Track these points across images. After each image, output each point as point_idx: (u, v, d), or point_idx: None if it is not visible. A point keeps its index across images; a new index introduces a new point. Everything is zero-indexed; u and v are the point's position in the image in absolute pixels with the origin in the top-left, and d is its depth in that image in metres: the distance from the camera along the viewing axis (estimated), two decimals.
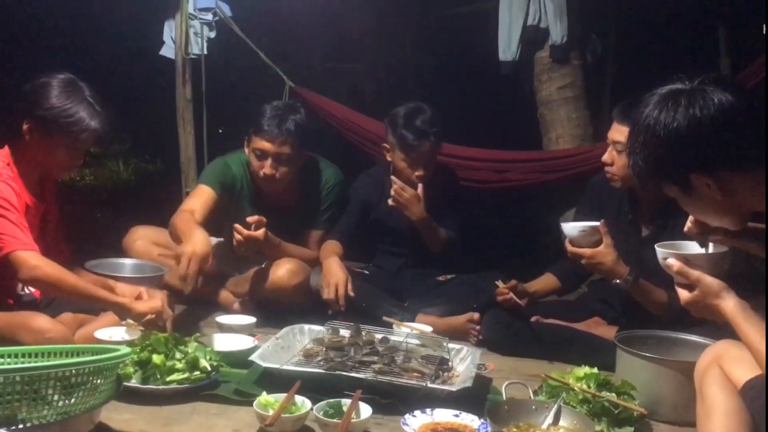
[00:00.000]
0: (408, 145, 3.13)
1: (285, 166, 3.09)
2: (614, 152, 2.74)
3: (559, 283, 3.09)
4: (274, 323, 2.97)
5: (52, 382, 1.65)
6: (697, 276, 1.55)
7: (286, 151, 3.06)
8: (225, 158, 3.29)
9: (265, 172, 3.07)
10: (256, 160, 3.10)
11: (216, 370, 2.32)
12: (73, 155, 2.48)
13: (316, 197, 3.30)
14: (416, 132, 3.12)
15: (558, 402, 2.14)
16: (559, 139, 4.28)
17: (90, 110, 2.43)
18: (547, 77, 4.28)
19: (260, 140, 3.06)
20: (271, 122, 3.05)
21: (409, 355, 2.49)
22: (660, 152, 1.55)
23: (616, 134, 2.71)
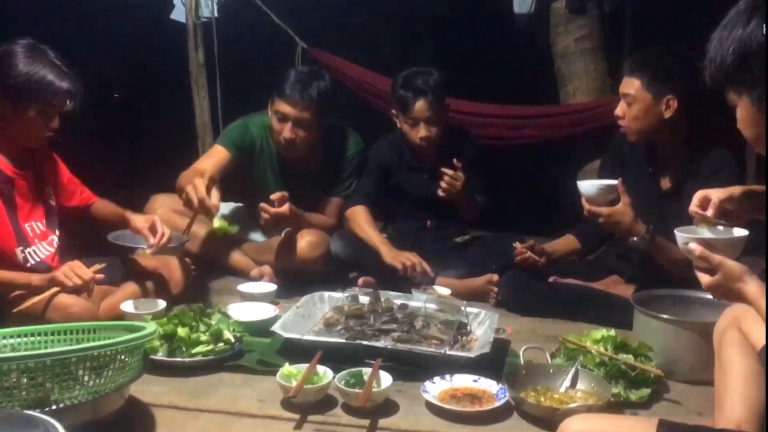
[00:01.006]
0: (404, 104, 3.16)
1: (305, 131, 3.11)
2: (625, 105, 2.73)
3: (579, 244, 3.10)
4: (295, 290, 3.02)
5: (82, 364, 1.70)
6: (720, 260, 1.54)
7: (307, 117, 3.08)
8: (247, 119, 3.32)
9: (285, 136, 3.10)
10: (277, 122, 3.12)
11: (239, 340, 2.38)
12: (45, 120, 2.46)
13: (337, 164, 3.32)
14: (412, 90, 3.14)
15: (575, 365, 2.17)
16: (576, 92, 4.21)
17: (57, 72, 2.42)
18: (564, 29, 4.20)
19: (282, 103, 3.08)
20: (294, 87, 3.07)
21: (427, 321, 2.53)
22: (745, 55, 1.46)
23: (626, 87, 2.72)
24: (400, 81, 3.21)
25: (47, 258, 2.59)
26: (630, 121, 2.73)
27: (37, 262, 2.55)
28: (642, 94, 2.68)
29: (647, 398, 2.13)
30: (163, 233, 2.70)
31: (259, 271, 3.20)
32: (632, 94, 2.69)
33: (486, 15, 5.17)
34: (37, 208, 2.61)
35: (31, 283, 2.40)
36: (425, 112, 3.15)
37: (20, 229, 2.52)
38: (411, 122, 3.19)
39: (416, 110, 3.16)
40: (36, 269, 2.53)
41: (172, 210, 3.36)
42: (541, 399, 2.07)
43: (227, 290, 3.14)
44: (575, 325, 2.79)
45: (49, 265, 2.57)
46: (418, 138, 3.18)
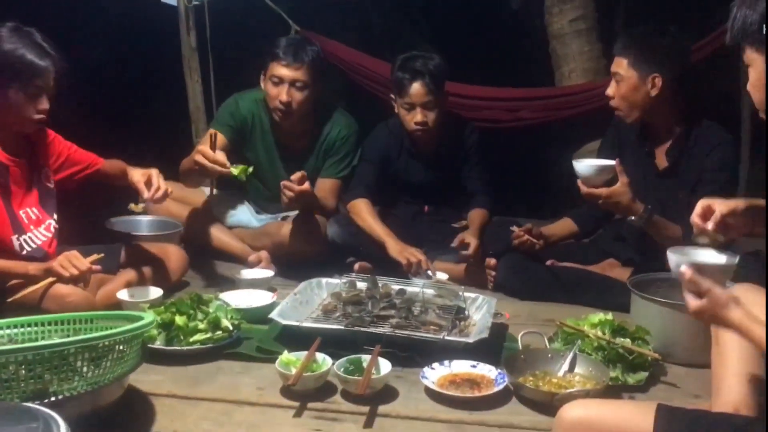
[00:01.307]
0: (401, 86, 3.10)
1: (300, 93, 3.11)
2: (614, 83, 2.77)
3: (576, 227, 3.11)
4: (293, 275, 3.03)
5: (81, 355, 1.69)
6: (708, 286, 1.53)
7: (302, 78, 3.10)
8: (237, 96, 3.34)
9: (282, 99, 3.10)
10: (273, 88, 3.13)
11: (237, 328, 2.37)
12: (31, 101, 2.43)
13: (330, 145, 3.31)
14: (410, 72, 3.08)
15: (573, 350, 2.18)
16: (571, 73, 4.19)
17: (39, 51, 2.40)
18: (559, 10, 4.17)
19: (277, 66, 3.10)
20: (287, 50, 3.10)
21: (425, 306, 2.53)
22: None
23: (615, 66, 2.77)
24: (399, 63, 3.15)
25: (44, 244, 2.57)
26: (618, 100, 2.78)
27: (33, 248, 2.54)
28: (629, 72, 2.72)
29: (644, 382, 2.14)
30: (159, 187, 2.65)
31: (257, 256, 3.20)
32: (620, 72, 2.74)
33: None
34: (32, 193, 2.59)
35: (28, 272, 2.39)
36: (422, 96, 3.09)
37: (15, 216, 2.50)
38: (407, 106, 3.13)
39: (413, 93, 3.10)
40: (32, 256, 2.52)
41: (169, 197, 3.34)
42: (540, 383, 2.08)
43: (224, 277, 3.14)
44: (573, 308, 2.80)
45: (45, 251, 2.55)
46: (413, 122, 3.12)
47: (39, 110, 2.45)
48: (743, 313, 1.51)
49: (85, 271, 2.38)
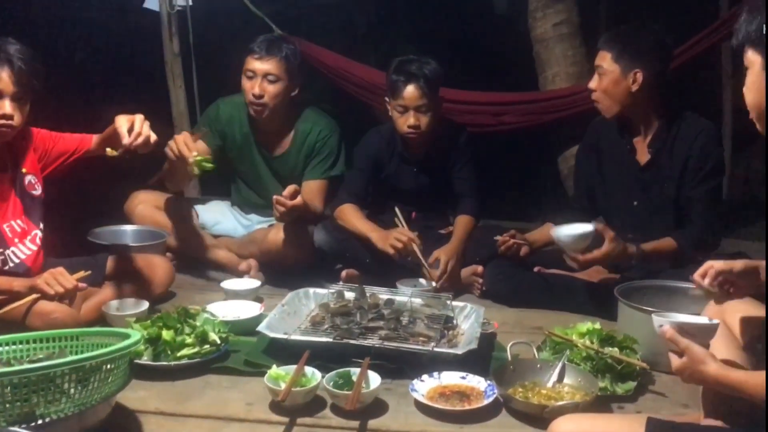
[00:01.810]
0: (395, 89, 3.07)
1: (273, 86, 3.13)
2: (597, 77, 2.82)
3: None
4: (280, 282, 3.03)
5: (68, 376, 1.67)
6: (686, 344, 1.60)
7: (274, 71, 3.12)
8: (220, 101, 3.38)
9: (254, 92, 3.12)
10: (247, 81, 3.16)
11: (225, 341, 2.36)
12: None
13: (311, 145, 3.30)
14: (405, 74, 3.06)
15: (562, 360, 2.19)
16: (555, 77, 4.22)
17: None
18: (542, 14, 4.19)
19: (250, 60, 3.14)
20: (261, 44, 3.16)
21: (414, 316, 2.52)
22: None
23: (598, 59, 2.83)
24: (395, 65, 3.12)
25: (29, 258, 2.53)
26: (600, 93, 2.83)
27: (17, 263, 2.51)
28: (611, 66, 2.77)
29: (633, 391, 2.15)
30: (140, 132, 2.46)
31: (246, 264, 3.19)
32: (603, 66, 2.79)
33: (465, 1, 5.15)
34: (16, 205, 2.55)
35: (13, 288, 2.36)
36: (416, 99, 3.05)
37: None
38: (401, 109, 3.09)
39: (406, 96, 3.06)
40: (14, 271, 2.48)
41: (153, 206, 3.33)
42: (529, 395, 2.08)
43: (210, 287, 3.12)
44: (560, 314, 2.83)
45: (28, 267, 2.52)
46: (406, 126, 3.09)
47: (6, 114, 2.38)
48: (719, 366, 1.57)
49: (71, 289, 2.35)
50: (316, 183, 3.30)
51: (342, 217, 3.17)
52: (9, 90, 2.38)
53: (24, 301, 2.33)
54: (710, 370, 1.57)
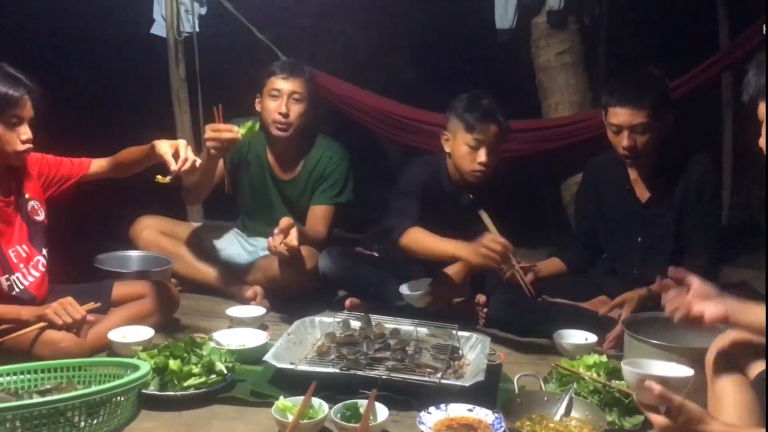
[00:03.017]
0: (472, 125, 2.93)
1: (298, 105, 3.21)
2: (632, 136, 2.79)
3: (565, 267, 3.14)
4: (285, 310, 3.03)
5: (78, 410, 1.68)
6: (680, 402, 1.53)
7: (300, 89, 3.21)
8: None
9: (280, 110, 3.17)
10: (272, 101, 3.21)
11: (231, 370, 2.35)
12: (14, 132, 2.42)
13: (320, 171, 3.33)
14: (482, 111, 2.95)
15: (569, 393, 2.19)
16: (558, 105, 4.25)
17: (11, 82, 2.39)
18: (545, 43, 4.23)
19: (276, 80, 3.21)
20: (284, 65, 3.27)
21: (420, 346, 2.53)
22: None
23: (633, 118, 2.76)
24: (466, 102, 2.99)
25: (33, 284, 2.54)
26: (644, 148, 2.80)
27: (22, 289, 2.51)
28: (653, 119, 2.75)
29: (641, 426, 2.14)
30: (186, 158, 2.53)
31: (252, 291, 3.20)
32: (644, 122, 2.75)
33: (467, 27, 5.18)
34: (21, 231, 2.57)
35: (21, 317, 2.37)
36: (492, 136, 2.95)
37: (4, 255, 2.48)
38: (474, 144, 2.94)
39: (485, 133, 2.94)
40: (20, 297, 2.49)
41: (159, 232, 3.34)
42: (537, 428, 2.08)
43: (215, 313, 3.12)
44: None
45: (33, 294, 2.53)
46: (477, 163, 2.95)
47: (23, 140, 2.44)
48: (721, 426, 1.54)
49: (80, 320, 2.36)
50: (322, 208, 3.32)
51: (414, 241, 2.88)
52: (29, 115, 2.44)
53: (31, 329, 2.34)
54: (715, 428, 1.53)
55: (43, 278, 2.60)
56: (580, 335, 2.73)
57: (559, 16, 4.15)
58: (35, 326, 2.35)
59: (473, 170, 2.99)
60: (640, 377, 1.64)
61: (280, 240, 2.82)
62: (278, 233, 2.83)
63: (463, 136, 2.97)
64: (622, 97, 2.77)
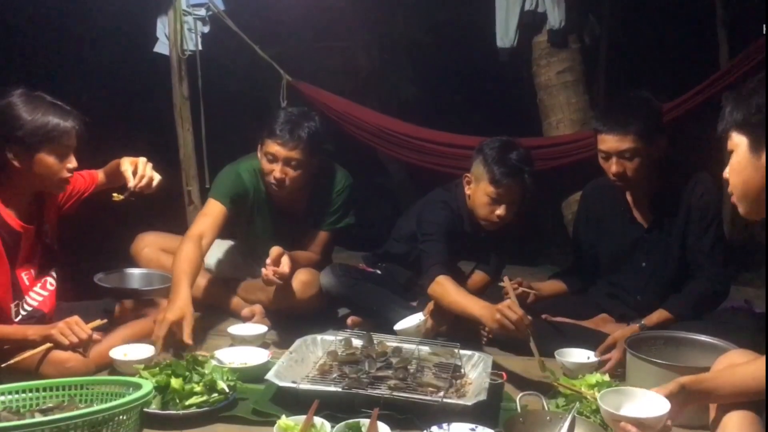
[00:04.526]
0: (498, 180, 2.88)
1: (295, 171, 3.08)
2: (620, 161, 2.77)
3: (565, 287, 3.15)
4: (287, 328, 3.02)
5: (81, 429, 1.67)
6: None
7: (297, 156, 3.05)
8: (237, 166, 3.24)
9: (275, 176, 3.06)
10: (267, 163, 3.09)
11: (233, 389, 2.35)
12: (61, 161, 2.45)
13: (326, 200, 3.30)
14: (510, 167, 2.89)
15: (572, 412, 2.17)
16: (559, 124, 4.28)
17: (60, 112, 2.42)
18: (546, 62, 4.27)
19: (272, 144, 3.05)
20: (284, 127, 3.04)
21: (422, 365, 2.53)
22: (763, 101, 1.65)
23: (620, 143, 2.74)
24: (497, 153, 2.92)
25: (41, 304, 2.56)
26: (633, 174, 2.77)
27: (29, 311, 2.52)
28: (641, 144, 2.73)
29: None
30: (143, 175, 2.57)
31: (250, 310, 3.19)
32: (631, 147, 2.73)
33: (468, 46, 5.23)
34: (35, 256, 2.58)
35: (27, 337, 2.37)
36: (515, 194, 2.93)
37: (17, 280, 2.49)
38: (496, 198, 2.91)
39: (509, 190, 2.90)
40: (31, 316, 2.50)
41: (159, 249, 3.34)
42: None
43: (217, 331, 3.12)
44: None
45: (43, 312, 2.54)
46: (495, 215, 2.93)
47: (69, 169, 2.48)
48: None
49: (86, 339, 2.36)
50: (323, 234, 3.33)
51: (440, 293, 2.82)
52: (74, 145, 2.48)
53: (38, 350, 2.34)
54: None
55: (52, 297, 2.62)
56: (581, 354, 2.72)
57: (559, 35, 4.19)
58: (41, 348, 2.35)
59: (489, 220, 2.96)
60: (614, 417, 1.70)
61: (272, 270, 2.82)
62: (270, 263, 2.83)
63: (486, 186, 2.92)
64: (608, 123, 2.76)
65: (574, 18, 4.21)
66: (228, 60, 4.80)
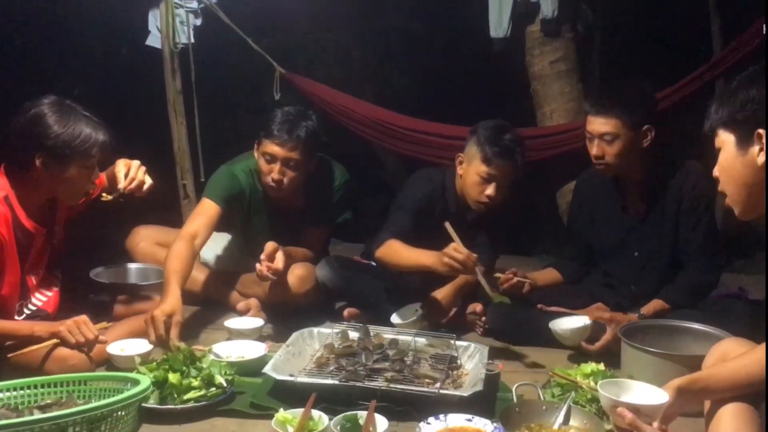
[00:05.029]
0: (489, 159, 2.90)
1: (293, 171, 3.06)
2: (602, 144, 2.78)
3: (561, 277, 3.16)
4: (283, 321, 3.03)
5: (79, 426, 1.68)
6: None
7: (295, 157, 3.03)
8: (232, 167, 3.21)
9: (273, 177, 3.04)
10: (265, 164, 3.07)
11: (231, 383, 2.36)
12: (89, 173, 2.46)
13: (324, 197, 3.29)
14: (502, 147, 2.91)
15: (567, 402, 2.20)
16: (553, 113, 4.28)
17: (92, 124, 2.42)
18: (539, 51, 4.27)
19: (270, 144, 3.02)
20: (281, 127, 3.02)
21: (418, 356, 2.54)
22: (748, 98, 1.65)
23: (602, 126, 2.77)
24: (490, 133, 2.94)
25: (46, 304, 2.58)
26: (613, 158, 2.79)
27: (33, 310, 2.54)
28: (623, 129, 2.74)
29: None
30: (134, 177, 2.59)
31: (245, 304, 3.19)
32: (612, 131, 2.75)
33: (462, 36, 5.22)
34: (44, 256, 2.59)
35: (34, 333, 2.38)
36: (507, 174, 2.93)
37: (25, 282, 2.50)
38: (486, 177, 2.92)
39: (500, 169, 2.91)
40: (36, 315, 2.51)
41: (155, 242, 3.34)
42: None
43: (214, 324, 3.12)
44: (563, 352, 2.84)
45: (47, 312, 2.55)
46: (485, 195, 2.94)
47: (93, 182, 2.49)
48: None
49: (93, 339, 2.37)
50: (321, 231, 3.34)
51: (388, 254, 2.92)
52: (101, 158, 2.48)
53: (43, 345, 2.35)
54: None
55: (56, 297, 2.64)
56: (574, 320, 2.73)
57: (552, 25, 4.19)
58: (48, 343, 2.35)
59: (478, 201, 2.98)
60: (613, 403, 1.70)
61: (266, 266, 2.83)
62: (264, 258, 2.84)
63: (477, 165, 2.94)
64: (595, 105, 2.80)
65: (566, 7, 4.20)
66: (221, 53, 4.78)
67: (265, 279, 2.88)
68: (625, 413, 1.64)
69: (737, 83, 1.70)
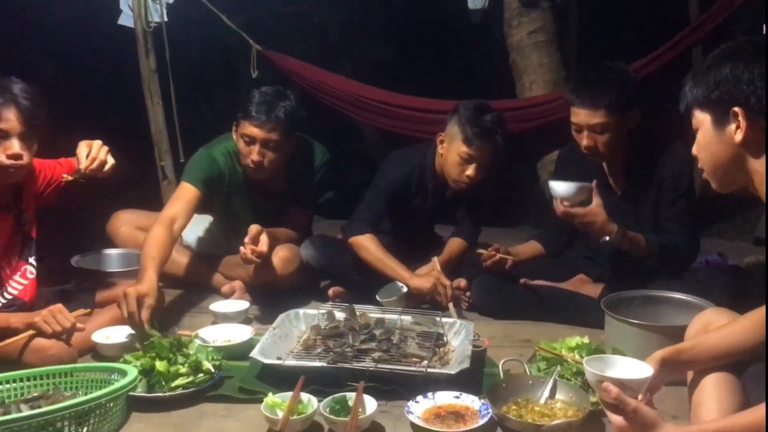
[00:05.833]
0: (470, 139, 2.92)
1: (273, 152, 3.03)
2: (591, 135, 2.76)
3: (543, 249, 3.16)
4: (268, 302, 3.03)
5: (67, 420, 1.68)
6: (634, 406, 1.61)
7: (275, 138, 2.99)
8: (211, 149, 3.17)
9: (253, 158, 3.01)
10: (244, 145, 3.03)
11: (218, 368, 2.36)
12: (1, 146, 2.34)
13: (305, 178, 3.26)
14: (483, 128, 2.93)
15: (553, 376, 2.23)
16: (532, 84, 4.27)
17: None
18: (518, 22, 4.24)
19: (249, 126, 2.98)
20: (260, 108, 2.97)
21: (405, 335, 2.55)
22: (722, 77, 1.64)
23: (591, 118, 2.72)
24: (471, 113, 2.97)
25: (21, 292, 2.54)
26: (604, 147, 2.76)
27: (9, 299, 2.50)
28: (611, 119, 2.70)
29: None
30: (95, 158, 2.48)
31: (230, 287, 3.18)
32: (601, 122, 2.71)
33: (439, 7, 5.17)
34: (15, 243, 2.54)
35: (10, 325, 2.35)
36: (487, 155, 2.96)
37: None
38: (466, 157, 2.95)
39: (481, 150, 2.94)
40: (11, 304, 2.48)
41: (136, 227, 3.32)
42: (523, 412, 2.12)
43: (198, 308, 3.12)
44: (547, 326, 2.88)
45: (24, 300, 2.52)
46: (465, 175, 2.97)
47: (8, 155, 2.33)
48: (674, 427, 1.61)
49: (69, 327, 2.34)
50: (303, 211, 3.32)
51: (363, 247, 3.00)
52: (16, 130, 2.33)
53: (20, 337, 2.32)
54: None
55: (32, 285, 2.60)
56: (572, 186, 2.72)
57: None
58: (24, 334, 2.33)
59: (458, 181, 3.00)
60: (599, 378, 1.70)
61: (250, 249, 2.82)
62: (248, 241, 2.82)
63: (458, 145, 2.95)
64: (580, 97, 2.74)
65: None
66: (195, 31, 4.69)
67: (250, 262, 2.86)
68: (611, 388, 1.66)
69: (710, 62, 1.69)
